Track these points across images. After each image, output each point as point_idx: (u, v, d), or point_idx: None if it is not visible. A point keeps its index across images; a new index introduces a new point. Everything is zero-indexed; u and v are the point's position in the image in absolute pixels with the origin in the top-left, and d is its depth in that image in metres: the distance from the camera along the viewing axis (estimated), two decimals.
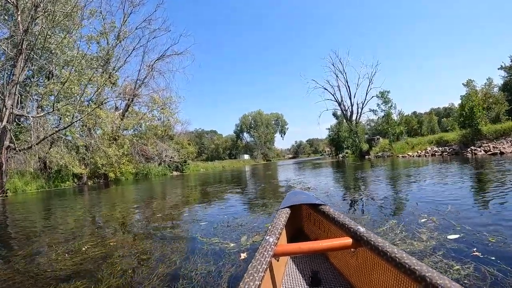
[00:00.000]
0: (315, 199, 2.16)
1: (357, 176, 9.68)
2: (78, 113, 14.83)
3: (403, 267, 1.07)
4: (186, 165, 32.01)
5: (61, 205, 8.51)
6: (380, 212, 3.72)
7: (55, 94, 15.35)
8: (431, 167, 10.51)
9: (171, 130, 29.78)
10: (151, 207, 6.39)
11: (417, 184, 6.17)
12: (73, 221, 5.24)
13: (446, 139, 20.58)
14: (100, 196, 10.87)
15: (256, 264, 1.14)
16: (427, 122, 43.22)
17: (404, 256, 1.11)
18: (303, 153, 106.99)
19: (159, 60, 26.81)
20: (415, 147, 23.04)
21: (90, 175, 21.10)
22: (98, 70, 21.76)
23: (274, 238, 1.42)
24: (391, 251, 1.17)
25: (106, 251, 3.00)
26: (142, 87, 25.28)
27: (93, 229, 4.34)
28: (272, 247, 1.32)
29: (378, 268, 1.34)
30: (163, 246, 3.03)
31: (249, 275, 1.06)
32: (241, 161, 59.20)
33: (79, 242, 3.44)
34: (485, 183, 5.53)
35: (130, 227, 4.30)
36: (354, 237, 1.44)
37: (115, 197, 10.41)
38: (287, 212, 1.92)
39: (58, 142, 17.04)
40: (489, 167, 8.50)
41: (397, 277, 1.19)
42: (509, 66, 29.18)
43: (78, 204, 8.43)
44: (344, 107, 39.01)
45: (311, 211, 2.20)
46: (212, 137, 77.03)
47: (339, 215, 1.71)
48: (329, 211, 1.84)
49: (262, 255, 1.22)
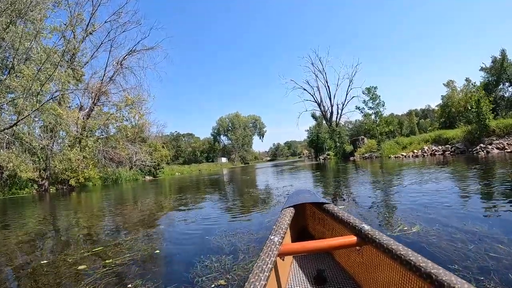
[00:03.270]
0: (319, 198, 2.14)
1: (352, 181, 8.65)
2: (29, 110, 13.03)
3: (408, 264, 1.07)
4: (160, 169, 30.33)
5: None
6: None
7: (13, 90, 13.62)
8: (439, 168, 8.90)
9: (143, 132, 28.05)
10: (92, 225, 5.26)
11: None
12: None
13: (446, 137, 18.33)
14: (55, 206, 9.42)
15: (261, 263, 1.13)
16: (407, 123, 44.14)
17: (409, 253, 1.10)
18: (281, 156, 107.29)
19: (128, 55, 25.03)
20: (408, 146, 21.13)
21: (53, 181, 19.11)
22: (63, 66, 19.93)
23: (279, 238, 1.41)
24: (396, 248, 1.16)
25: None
26: (110, 84, 23.43)
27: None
28: (277, 247, 1.31)
29: (384, 266, 1.32)
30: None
31: (255, 275, 1.05)
32: (219, 164, 57.86)
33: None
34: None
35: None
36: (359, 235, 1.43)
37: (70, 207, 9.03)
38: (291, 211, 1.91)
39: (15, 145, 15.09)
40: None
41: (403, 274, 1.17)
42: (490, 67, 30.12)
43: (13, 218, 7.03)
44: (324, 108, 38.92)
45: (315, 209, 2.19)
46: (189, 140, 75.04)
47: (343, 214, 1.70)
48: (333, 209, 1.83)
49: (267, 255, 1.21)
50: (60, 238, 4.27)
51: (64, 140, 17.47)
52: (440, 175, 7.19)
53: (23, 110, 12.76)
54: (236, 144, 71.15)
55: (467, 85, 29.09)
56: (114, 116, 21.69)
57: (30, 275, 2.56)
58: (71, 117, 16.56)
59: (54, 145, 16.63)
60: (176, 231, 3.90)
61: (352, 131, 43.16)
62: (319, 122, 42.33)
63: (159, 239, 3.53)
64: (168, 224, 4.50)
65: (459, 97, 28.40)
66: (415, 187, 5.51)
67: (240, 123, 74.24)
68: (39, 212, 8.16)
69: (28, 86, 12.83)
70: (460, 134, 17.45)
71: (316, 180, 9.92)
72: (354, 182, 7.93)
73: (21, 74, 13.32)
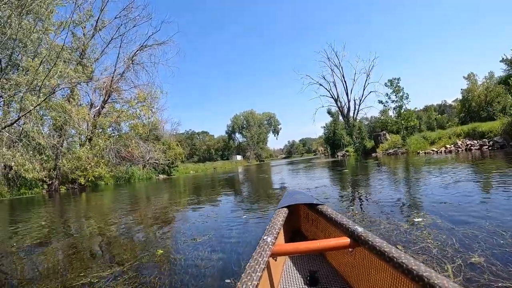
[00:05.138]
0: (313, 199, 2.13)
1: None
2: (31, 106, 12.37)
3: (400, 267, 1.07)
4: (174, 168, 29.72)
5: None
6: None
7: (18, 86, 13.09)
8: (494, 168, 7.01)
9: (156, 130, 27.46)
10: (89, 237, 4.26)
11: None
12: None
13: (482, 131, 16.80)
14: (58, 208, 8.66)
15: (253, 263, 1.13)
16: (426, 118, 41.80)
17: (402, 256, 1.10)
18: (296, 153, 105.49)
19: (139, 51, 24.24)
20: (437, 141, 19.39)
21: (63, 180, 18.72)
22: (72, 63, 19.47)
23: (272, 238, 1.41)
24: (389, 251, 1.16)
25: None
26: (121, 81, 22.79)
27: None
28: (269, 247, 1.31)
29: (376, 268, 1.31)
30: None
31: (247, 274, 1.05)
32: (234, 162, 57.01)
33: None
34: None
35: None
36: (352, 236, 1.43)
37: (74, 209, 8.21)
38: (285, 212, 1.90)
39: (20, 143, 14.62)
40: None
41: (394, 276, 1.17)
42: (511, 59, 28.02)
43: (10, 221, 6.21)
44: (341, 104, 37.35)
45: (308, 211, 2.18)
46: (203, 138, 74.80)
47: (336, 215, 1.70)
48: (326, 210, 1.82)
49: (259, 255, 1.21)
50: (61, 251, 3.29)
51: (74, 138, 16.92)
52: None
53: (28, 106, 12.15)
54: (251, 142, 70.14)
55: (490, 78, 26.88)
56: (125, 113, 21.06)
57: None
58: (81, 114, 15.95)
59: (63, 144, 16.06)
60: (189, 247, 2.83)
61: (368, 127, 41.07)
62: (335, 118, 40.78)
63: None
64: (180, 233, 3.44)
65: (479, 91, 26.43)
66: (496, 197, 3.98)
67: (255, 120, 73.16)
68: (45, 215, 7.36)
69: (30, 80, 12.20)
70: (499, 127, 15.70)
71: (354, 184, 7.24)
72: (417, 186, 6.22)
73: (25, 68, 12.73)
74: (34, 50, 16.26)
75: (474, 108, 26.46)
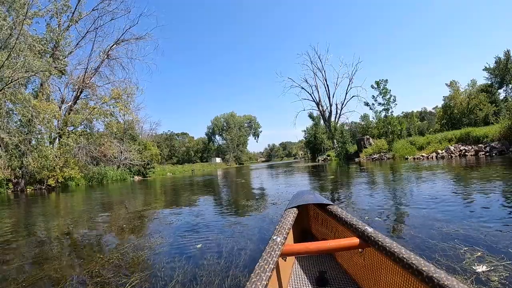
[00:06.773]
0: (322, 199, 2.09)
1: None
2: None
3: (410, 267, 1.06)
4: (150, 169, 28.69)
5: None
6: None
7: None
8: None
9: (132, 129, 26.43)
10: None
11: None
12: None
13: (476, 135, 15.86)
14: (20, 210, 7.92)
15: (263, 264, 1.11)
16: (407, 124, 43.28)
17: (412, 256, 1.10)
18: (276, 157, 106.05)
19: (116, 45, 23.22)
20: (426, 147, 18.43)
21: (31, 180, 17.45)
22: (45, 55, 18.32)
23: (282, 238, 1.39)
24: (399, 251, 1.15)
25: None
26: (95, 76, 21.72)
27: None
28: (279, 247, 1.29)
29: (386, 269, 1.30)
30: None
31: (256, 275, 1.04)
32: (213, 165, 56.25)
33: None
34: None
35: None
36: (362, 237, 1.41)
37: (36, 211, 7.53)
38: (295, 212, 1.88)
39: None
40: None
41: (404, 277, 1.16)
42: (494, 68, 29.34)
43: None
44: (322, 108, 37.84)
45: (318, 211, 2.15)
46: (183, 139, 73.32)
47: (346, 215, 1.67)
48: (336, 211, 1.79)
49: (269, 255, 1.19)
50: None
51: (42, 135, 15.83)
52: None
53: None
54: (231, 144, 69.63)
55: (472, 86, 28.28)
56: (98, 110, 20.02)
57: None
58: (50, 110, 14.92)
59: (30, 141, 14.96)
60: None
61: (349, 132, 41.79)
62: (316, 122, 41.25)
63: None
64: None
65: (461, 98, 27.65)
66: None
67: (235, 123, 72.80)
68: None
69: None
70: (496, 131, 14.68)
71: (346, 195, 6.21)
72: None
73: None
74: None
75: (456, 115, 26.68)
